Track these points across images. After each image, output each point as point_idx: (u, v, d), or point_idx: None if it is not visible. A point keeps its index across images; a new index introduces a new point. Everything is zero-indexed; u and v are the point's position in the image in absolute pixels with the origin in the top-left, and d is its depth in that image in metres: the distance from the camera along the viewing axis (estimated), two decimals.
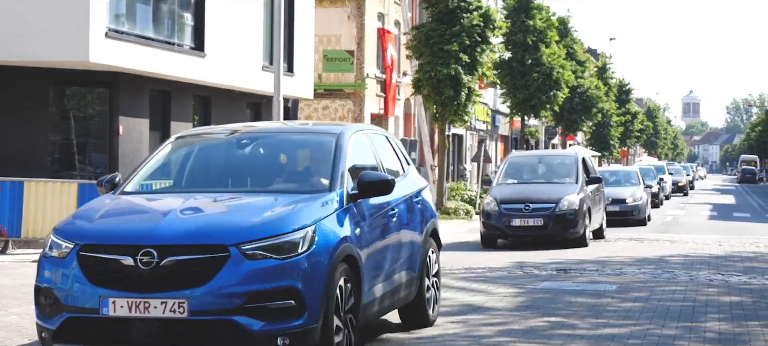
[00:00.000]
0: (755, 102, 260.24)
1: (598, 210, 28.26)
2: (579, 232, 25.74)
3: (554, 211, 25.61)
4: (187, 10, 29.31)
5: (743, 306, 14.88)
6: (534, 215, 25.74)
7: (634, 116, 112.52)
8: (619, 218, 35.95)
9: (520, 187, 27.26)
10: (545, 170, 28.45)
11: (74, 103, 27.75)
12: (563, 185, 26.99)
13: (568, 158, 28.87)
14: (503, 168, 28.86)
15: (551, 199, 25.88)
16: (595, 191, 27.91)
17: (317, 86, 42.34)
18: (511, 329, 12.57)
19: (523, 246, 25.81)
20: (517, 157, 30.52)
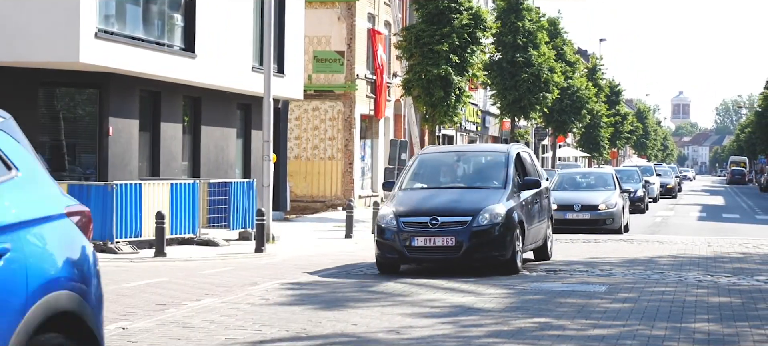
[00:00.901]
0: (745, 103, 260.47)
1: (539, 224, 21.34)
2: (506, 255, 18.96)
3: (471, 226, 18.77)
4: (177, 10, 29.30)
5: (732, 307, 14.91)
6: (443, 233, 18.82)
7: (624, 117, 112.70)
8: (589, 227, 32.77)
9: (428, 194, 20.27)
10: (465, 172, 21.48)
11: (64, 104, 27.72)
12: (487, 191, 19.98)
13: (496, 155, 21.60)
14: (410, 168, 21.35)
15: (467, 210, 19.10)
16: (533, 198, 21.07)
17: (307, 87, 42.34)
18: (500, 330, 12.59)
19: None
20: (429, 153, 22.38)
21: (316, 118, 45.80)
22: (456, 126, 49.62)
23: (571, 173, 39.91)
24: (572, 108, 75.68)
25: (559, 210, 31.36)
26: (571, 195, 34.58)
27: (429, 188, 20.64)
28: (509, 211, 19.28)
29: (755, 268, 20.96)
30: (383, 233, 19.20)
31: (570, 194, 34.87)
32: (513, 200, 19.71)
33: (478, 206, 19.17)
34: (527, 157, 22.35)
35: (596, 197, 34.13)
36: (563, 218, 32.33)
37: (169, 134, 29.49)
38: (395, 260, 19.30)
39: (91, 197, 23.24)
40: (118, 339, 12.01)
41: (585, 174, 39.73)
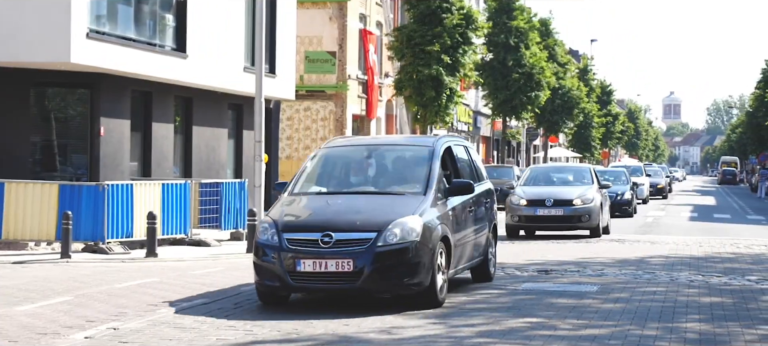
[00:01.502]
0: (736, 103, 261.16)
1: (475, 237, 16.95)
2: (422, 282, 14.26)
3: (375, 246, 14.03)
4: (168, 11, 29.27)
5: (724, 307, 14.94)
6: (338, 254, 14.06)
7: (616, 118, 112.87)
8: (563, 224, 30.24)
9: (324, 202, 15.42)
10: (378, 171, 16.44)
11: (55, 104, 27.68)
12: (402, 197, 15.22)
13: (418, 150, 16.61)
14: (309, 167, 16.41)
15: (371, 223, 14.28)
16: (466, 206, 16.44)
17: (299, 87, 42.33)
18: (492, 330, 12.60)
19: None
20: (334, 147, 17.17)
21: (307, 119, 45.79)
22: (447, 126, 49.64)
23: (544, 168, 37.42)
24: (564, 108, 75.77)
25: (529, 206, 30.15)
26: (543, 190, 31.40)
27: (328, 193, 15.73)
28: (429, 224, 14.57)
29: (746, 268, 21.00)
30: (262, 252, 14.43)
31: (542, 188, 31.65)
32: (436, 208, 15.08)
33: (386, 217, 14.35)
34: (462, 152, 17.89)
35: (571, 192, 30.78)
36: (534, 215, 30.18)
37: (160, 134, 29.46)
38: (276, 288, 14.48)
39: (82, 197, 23.22)
40: (109, 340, 12.00)
41: (560, 169, 36.98)
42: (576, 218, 29.98)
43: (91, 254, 23.10)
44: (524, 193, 30.96)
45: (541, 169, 36.33)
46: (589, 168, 34.74)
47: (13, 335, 12.34)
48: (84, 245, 23.51)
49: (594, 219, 30.04)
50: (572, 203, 30.09)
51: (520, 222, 30.41)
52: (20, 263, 21.34)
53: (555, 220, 30.19)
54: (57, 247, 23.08)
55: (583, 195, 30.44)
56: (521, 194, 30.96)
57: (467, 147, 18.39)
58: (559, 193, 30.88)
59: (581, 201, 30.12)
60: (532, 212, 30.16)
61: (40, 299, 15.51)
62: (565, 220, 30.09)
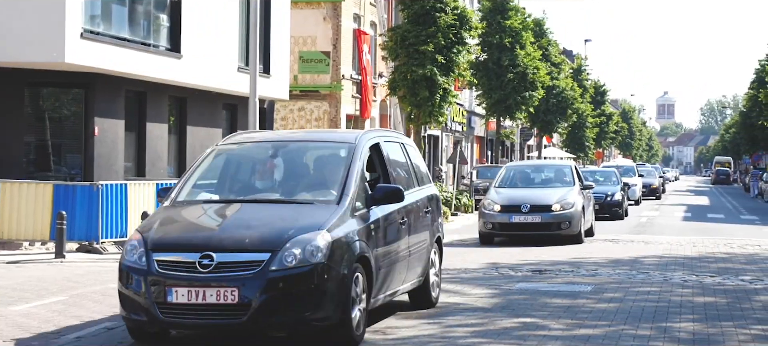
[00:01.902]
0: (729, 104, 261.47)
1: (408, 256, 13.63)
2: (329, 316, 11.34)
3: (267, 270, 11.08)
4: (162, 11, 29.28)
5: (717, 307, 14.97)
6: (220, 280, 11.06)
7: (609, 118, 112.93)
8: (541, 232, 27.40)
9: (211, 212, 12.49)
10: (285, 175, 13.17)
11: (49, 104, 27.67)
12: (309, 207, 12.15)
13: (334, 148, 13.48)
14: (199, 168, 13.28)
15: (264, 241, 11.31)
16: (397, 217, 13.30)
17: (293, 87, 42.34)
18: (486, 330, 12.62)
19: (501, 245, 25.66)
20: (232, 144, 13.89)
21: (301, 119, 45.78)
22: (441, 126, 49.66)
23: (521, 166, 33.35)
24: (558, 108, 75.79)
25: (503, 212, 27.47)
26: (519, 193, 28.71)
27: (220, 202, 12.70)
28: (341, 241, 11.48)
29: (740, 268, 21.03)
30: (126, 277, 11.43)
31: (517, 191, 28.99)
32: (353, 220, 11.98)
33: (284, 233, 11.23)
34: (396, 151, 14.55)
35: (550, 196, 28.03)
36: (508, 222, 27.39)
37: (154, 134, 29.46)
38: (143, 323, 11.40)
39: (76, 197, 23.21)
40: (103, 340, 12.01)
41: (538, 167, 32.98)
42: (555, 225, 27.26)
43: (85, 253, 23.10)
44: (498, 196, 28.28)
45: (518, 168, 32.41)
46: (571, 166, 31.46)
47: (7, 334, 12.35)
48: (78, 244, 23.51)
49: (575, 226, 27.41)
50: (551, 208, 27.38)
51: (494, 229, 27.65)
52: (14, 263, 21.34)
53: (532, 228, 27.33)
54: (51, 247, 23.08)
55: (564, 199, 27.70)
56: (495, 198, 28.26)
57: (404, 144, 15.06)
58: (536, 197, 28.06)
59: (561, 206, 27.42)
60: (507, 219, 27.41)
61: (35, 299, 15.51)
62: (544, 227, 27.30)
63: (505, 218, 27.44)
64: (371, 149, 13.42)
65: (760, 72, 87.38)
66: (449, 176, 59.81)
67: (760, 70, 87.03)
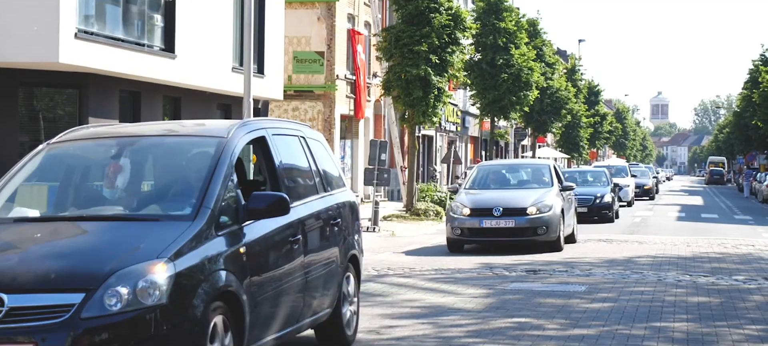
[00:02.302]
0: (723, 104, 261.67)
1: (304, 284, 10.66)
2: None
3: (77, 319, 7.92)
4: (157, 11, 29.26)
5: (711, 307, 14.99)
6: (15, 334, 7.88)
7: (604, 118, 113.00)
8: (515, 238, 24.78)
9: (16, 236, 9.43)
10: (131, 182, 10.21)
11: (43, 105, 27.66)
12: (152, 227, 8.98)
13: (200, 145, 10.26)
14: (20, 173, 11.18)
15: (76, 278, 8.14)
16: (282, 235, 10.25)
17: (287, 87, 42.35)
18: (480, 330, 12.64)
19: (492, 247, 25.66)
20: (68, 143, 11.03)
21: (296, 119, 45.74)
22: (435, 126, 49.69)
23: (494, 166, 30.18)
24: (552, 108, 75.86)
25: (473, 216, 24.81)
26: (491, 195, 26.07)
27: (36, 220, 10.12)
28: (191, 271, 8.47)
29: (734, 268, 21.07)
30: None
31: (489, 193, 26.31)
32: (213, 242, 8.90)
33: (104, 264, 8.18)
34: (293, 147, 11.43)
35: (525, 198, 25.34)
36: (478, 227, 24.69)
37: None
38: None
39: None
40: None
41: (514, 167, 29.79)
42: (530, 230, 24.51)
43: None
44: (468, 199, 25.62)
45: (492, 168, 29.34)
46: (549, 165, 28.51)
47: None
48: None
49: (553, 231, 24.62)
50: (526, 212, 24.55)
51: (463, 235, 24.87)
52: None
53: (505, 233, 24.51)
54: None
55: (540, 201, 24.96)
56: (464, 200, 25.56)
57: (305, 138, 11.82)
58: (510, 199, 25.32)
59: (537, 209, 24.64)
60: (477, 224, 24.67)
61: None
62: (518, 233, 24.53)
63: (475, 223, 24.61)
64: (255, 145, 10.62)
65: (753, 72, 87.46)
66: (443, 176, 59.88)
67: (754, 70, 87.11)
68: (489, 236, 24.75)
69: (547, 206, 24.87)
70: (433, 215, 40.00)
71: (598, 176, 43.68)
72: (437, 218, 39.52)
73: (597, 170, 46.36)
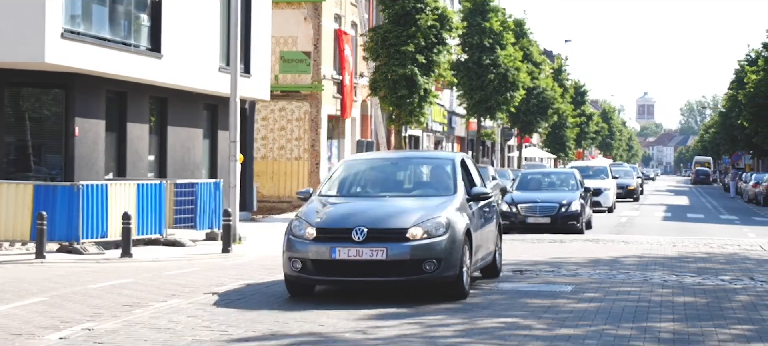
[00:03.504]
0: (709, 104, 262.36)
1: None
2: None
3: None
4: (143, 11, 29.22)
5: (697, 306, 15.02)
6: None
7: (590, 118, 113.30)
8: (384, 278, 15.13)
9: None
10: None
11: (29, 105, 27.59)
12: None
13: None
14: None
15: None
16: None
17: (274, 87, 42.32)
18: (467, 330, 12.64)
19: None
20: None
21: (282, 119, 45.78)
22: (422, 126, 49.72)
23: (370, 160, 18.66)
24: (538, 108, 76.00)
25: (321, 241, 15.07)
26: (355, 206, 16.05)
27: None
28: None
29: (720, 267, 21.11)
30: None
31: (353, 204, 16.24)
32: None
33: None
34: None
35: (406, 212, 15.50)
36: (329, 260, 14.84)
37: (135, 135, 29.41)
38: None
39: (57, 198, 23.16)
40: (84, 340, 11.99)
41: (401, 162, 18.54)
42: (412, 266, 15.02)
43: (65, 254, 23.04)
44: (316, 214, 15.73)
45: (366, 164, 18.27)
46: (454, 160, 17.67)
47: None
48: (59, 245, 23.45)
49: (450, 265, 15.22)
50: (406, 235, 15.08)
51: (305, 272, 15.22)
52: None
53: (370, 270, 14.97)
54: (31, 247, 23.02)
55: (430, 218, 15.36)
56: (311, 215, 15.73)
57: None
58: (380, 214, 15.53)
59: (424, 232, 15.16)
60: (326, 254, 15.02)
61: (15, 300, 15.47)
62: (391, 269, 14.99)
63: (323, 253, 15.08)
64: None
65: (739, 73, 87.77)
66: None
67: (740, 70, 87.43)
68: (345, 275, 15.12)
69: (439, 226, 15.30)
70: None
71: (565, 178, 37.40)
72: None
73: (564, 172, 40.29)
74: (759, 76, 68.42)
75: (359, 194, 17.08)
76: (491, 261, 18.26)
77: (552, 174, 40.18)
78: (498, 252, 18.71)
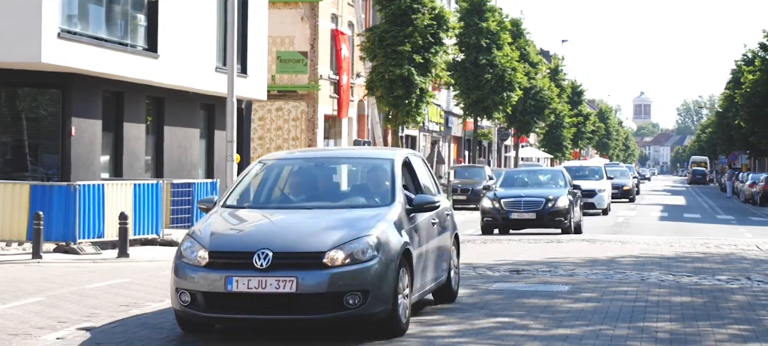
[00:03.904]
0: (705, 104, 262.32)
1: None
2: None
3: None
4: (140, 11, 29.21)
5: (694, 306, 15.02)
6: None
7: (587, 118, 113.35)
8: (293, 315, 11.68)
9: None
10: None
11: (26, 104, 27.58)
12: None
13: None
14: None
15: None
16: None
17: (271, 87, 42.32)
18: (464, 330, 12.64)
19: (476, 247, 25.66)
20: None
21: (279, 119, 45.77)
22: (419, 126, 49.71)
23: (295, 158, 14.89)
24: (535, 108, 76.01)
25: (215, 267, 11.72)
26: (260, 225, 12.60)
27: None
28: None
29: (716, 267, 21.11)
30: None
31: (260, 221, 12.77)
32: None
33: None
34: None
35: (324, 232, 11.99)
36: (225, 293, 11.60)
37: (132, 135, 29.40)
38: None
39: (53, 198, 23.14)
40: (81, 340, 11.98)
41: (327, 163, 14.56)
42: (330, 302, 11.66)
43: (62, 254, 23.02)
44: (201, 234, 12.33)
45: (288, 163, 14.45)
46: (392, 159, 13.93)
47: None
48: (55, 245, 23.43)
49: (381, 299, 11.87)
50: (322, 260, 11.67)
51: (194, 307, 11.81)
52: None
53: (275, 305, 11.62)
54: (28, 247, 23.00)
55: (352, 239, 11.92)
56: (203, 236, 12.29)
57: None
58: (290, 234, 12.13)
59: (346, 256, 11.75)
60: (221, 284, 11.59)
61: (12, 300, 15.46)
62: (301, 306, 11.62)
63: (216, 283, 11.72)
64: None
65: (736, 72, 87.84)
66: None
67: (737, 70, 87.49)
68: (244, 311, 11.73)
69: (369, 248, 11.86)
70: None
71: (553, 176, 35.76)
72: None
73: (551, 170, 40.43)
74: (755, 76, 68.46)
75: (272, 205, 13.48)
76: (445, 282, 14.68)
77: (539, 172, 38.57)
78: (454, 271, 15.24)
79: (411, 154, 14.88)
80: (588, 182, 43.91)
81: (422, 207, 13.42)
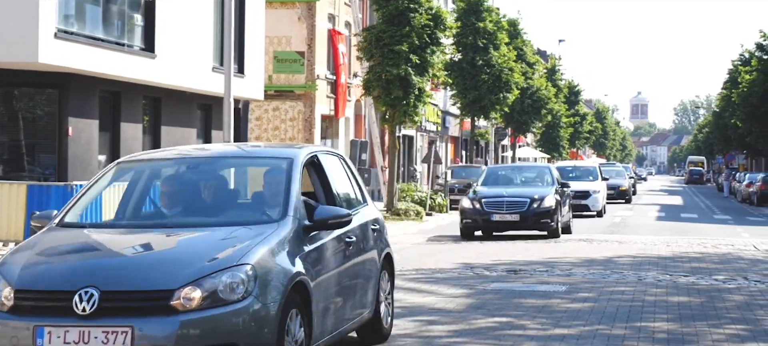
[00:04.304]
0: (702, 104, 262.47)
1: None
2: None
3: None
4: (137, 10, 29.20)
5: (691, 306, 15.04)
6: None
7: (584, 117, 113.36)
8: None
9: None
10: None
11: (23, 105, 27.57)
12: None
13: None
14: None
15: None
16: None
17: (268, 87, 42.32)
18: (461, 330, 12.65)
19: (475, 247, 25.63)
20: None
21: (276, 119, 45.77)
22: (416, 126, 49.72)
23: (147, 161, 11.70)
24: (532, 108, 76.02)
25: (18, 313, 8.45)
26: (80, 258, 9.23)
27: None
28: None
29: (713, 267, 21.13)
30: None
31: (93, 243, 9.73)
32: None
33: None
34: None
35: (173, 268, 8.63)
36: None
37: (129, 135, 29.38)
38: None
39: (50, 198, 23.13)
40: None
41: (199, 166, 11.16)
42: None
43: None
44: (28, 264, 8.98)
45: (139, 169, 11.48)
46: (293, 159, 10.50)
47: None
48: None
49: None
50: (170, 304, 8.41)
51: None
52: None
53: None
54: None
55: (215, 272, 8.61)
56: (18, 266, 8.98)
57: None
58: (129, 266, 8.85)
59: (204, 294, 8.51)
60: (25, 336, 8.41)
61: None
62: None
63: (22, 335, 8.51)
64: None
65: (733, 72, 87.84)
66: (424, 176, 59.88)
67: (733, 70, 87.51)
68: None
69: (239, 284, 8.69)
70: (414, 215, 40.02)
71: (540, 173, 33.58)
72: (418, 218, 39.55)
73: (538, 166, 37.83)
74: (752, 76, 68.46)
75: (122, 223, 10.62)
76: (369, 317, 11.46)
77: (525, 169, 36.64)
78: (385, 302, 12.00)
79: (322, 151, 11.50)
80: (581, 183, 42.84)
81: (326, 223, 10.00)
